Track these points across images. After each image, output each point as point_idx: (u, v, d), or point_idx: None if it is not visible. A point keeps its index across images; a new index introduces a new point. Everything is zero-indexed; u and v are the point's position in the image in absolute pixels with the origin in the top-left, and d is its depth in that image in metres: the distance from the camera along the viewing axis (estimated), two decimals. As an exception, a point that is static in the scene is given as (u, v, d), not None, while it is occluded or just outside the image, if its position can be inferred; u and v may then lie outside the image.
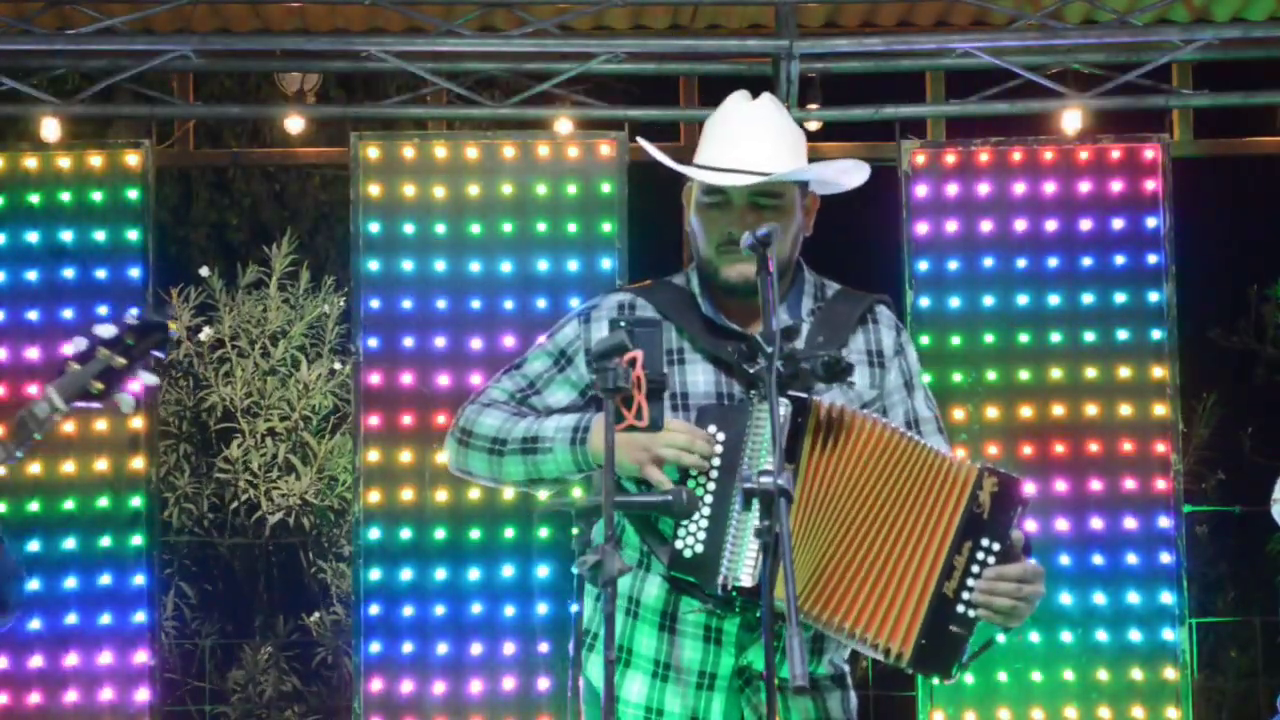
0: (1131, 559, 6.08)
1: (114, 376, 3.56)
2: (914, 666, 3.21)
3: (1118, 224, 6.20)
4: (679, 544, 3.22)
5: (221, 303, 8.13)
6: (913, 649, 3.18)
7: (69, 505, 6.01)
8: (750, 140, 3.36)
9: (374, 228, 6.13)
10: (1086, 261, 6.19)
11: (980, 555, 3.19)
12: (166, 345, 3.63)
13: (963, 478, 3.20)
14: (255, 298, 8.18)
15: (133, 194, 6.14)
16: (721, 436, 3.23)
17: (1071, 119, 6.37)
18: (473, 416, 3.44)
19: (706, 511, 3.20)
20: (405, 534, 6.02)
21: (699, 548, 3.20)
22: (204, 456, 8.17)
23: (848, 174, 3.44)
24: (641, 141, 3.54)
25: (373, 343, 6.08)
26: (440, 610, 6.00)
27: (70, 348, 3.57)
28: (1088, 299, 6.18)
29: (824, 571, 3.20)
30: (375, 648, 5.98)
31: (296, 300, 8.14)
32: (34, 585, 6.00)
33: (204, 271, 8.25)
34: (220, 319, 8.11)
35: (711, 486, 3.21)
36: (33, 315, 6.09)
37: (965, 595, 3.19)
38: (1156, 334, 6.15)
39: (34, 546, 6.00)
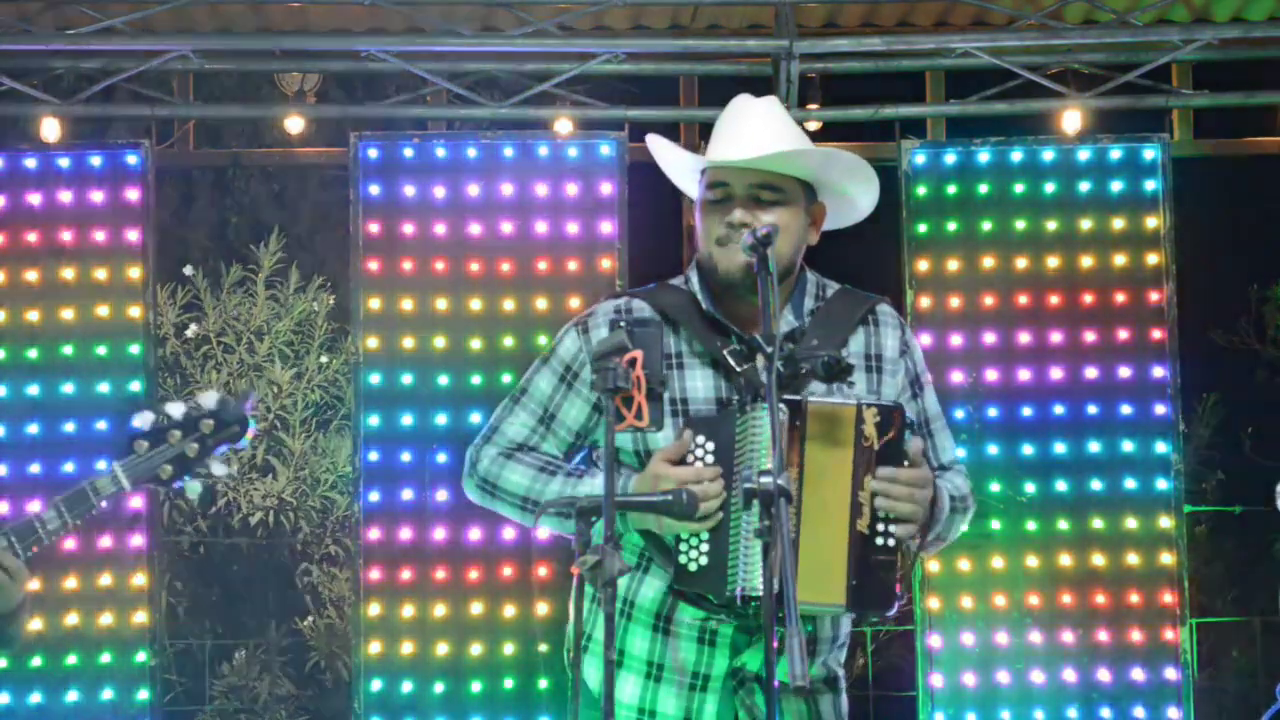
0: (1133, 559, 6.08)
1: (185, 465, 3.48)
2: (853, 609, 3.20)
3: (1118, 224, 6.20)
4: (682, 559, 3.21)
5: (207, 301, 8.12)
6: (847, 594, 3.16)
7: (69, 505, 6.00)
8: (752, 130, 3.36)
9: (374, 228, 6.13)
10: (1087, 261, 6.19)
11: (879, 486, 3.19)
12: (243, 437, 3.54)
13: (845, 417, 3.18)
14: (241, 296, 8.18)
15: (133, 194, 6.14)
16: (711, 446, 3.22)
17: (1071, 119, 6.37)
18: (495, 469, 3.39)
19: (707, 522, 3.19)
20: (405, 534, 6.02)
21: (704, 560, 3.19)
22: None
23: (851, 177, 3.43)
24: (651, 138, 3.52)
25: (373, 344, 6.08)
26: (440, 611, 6.00)
27: (141, 421, 3.48)
28: (1088, 299, 6.17)
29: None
30: (375, 647, 5.98)
31: (285, 298, 8.14)
32: (36, 586, 6.00)
33: (188, 270, 8.25)
34: (205, 316, 8.11)
35: None
36: (33, 316, 6.09)
37: (878, 526, 3.18)
38: (1157, 334, 6.14)
39: (34, 546, 5.99)
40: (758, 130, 3.35)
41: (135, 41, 6.21)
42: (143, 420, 3.46)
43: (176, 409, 3.45)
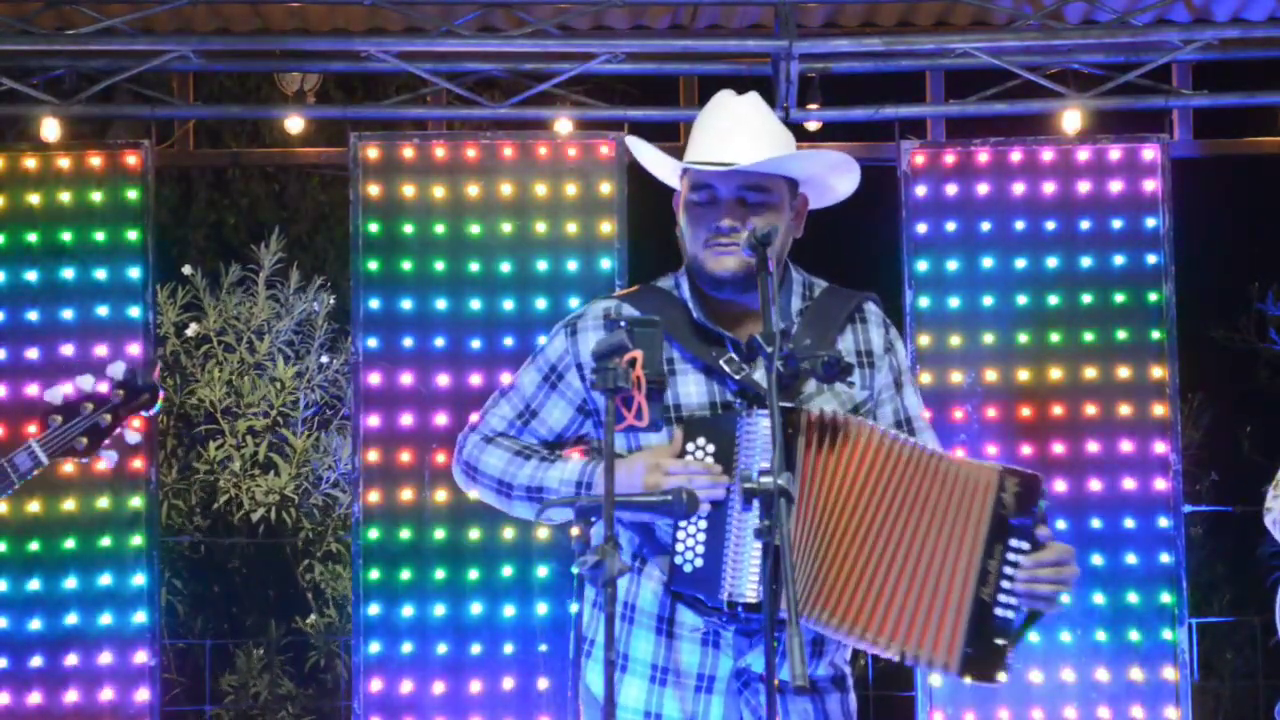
0: (1131, 559, 6.09)
1: (100, 434, 3.58)
2: (962, 674, 3.22)
3: (1118, 224, 6.21)
4: (678, 559, 3.20)
5: (207, 301, 8.13)
6: (959, 658, 3.19)
7: (69, 505, 6.02)
8: (735, 135, 3.35)
9: (374, 228, 6.13)
10: (1086, 261, 6.20)
11: (1011, 556, 3.20)
12: (154, 405, 3.65)
13: (984, 482, 3.20)
14: (241, 295, 8.18)
15: (133, 194, 6.15)
16: (711, 448, 3.22)
17: (1071, 119, 6.37)
18: (476, 453, 3.42)
19: (703, 524, 3.19)
20: (405, 534, 6.02)
21: (699, 561, 3.18)
22: (190, 454, 8.16)
23: (836, 171, 3.42)
24: (631, 140, 3.51)
25: (373, 343, 6.09)
26: (440, 610, 6.00)
27: (52, 396, 3.57)
28: (1087, 299, 6.18)
29: (854, 586, 3.18)
30: (375, 648, 5.98)
31: (285, 297, 8.15)
32: (34, 586, 6.01)
33: (187, 270, 8.26)
34: (206, 315, 8.11)
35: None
36: (33, 315, 6.09)
37: (1001, 598, 3.20)
38: (1156, 334, 6.15)
39: (34, 547, 6.01)
40: (740, 133, 3.35)
41: (135, 41, 6.21)
42: (55, 395, 3.55)
43: (87, 382, 3.56)
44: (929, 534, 3.21)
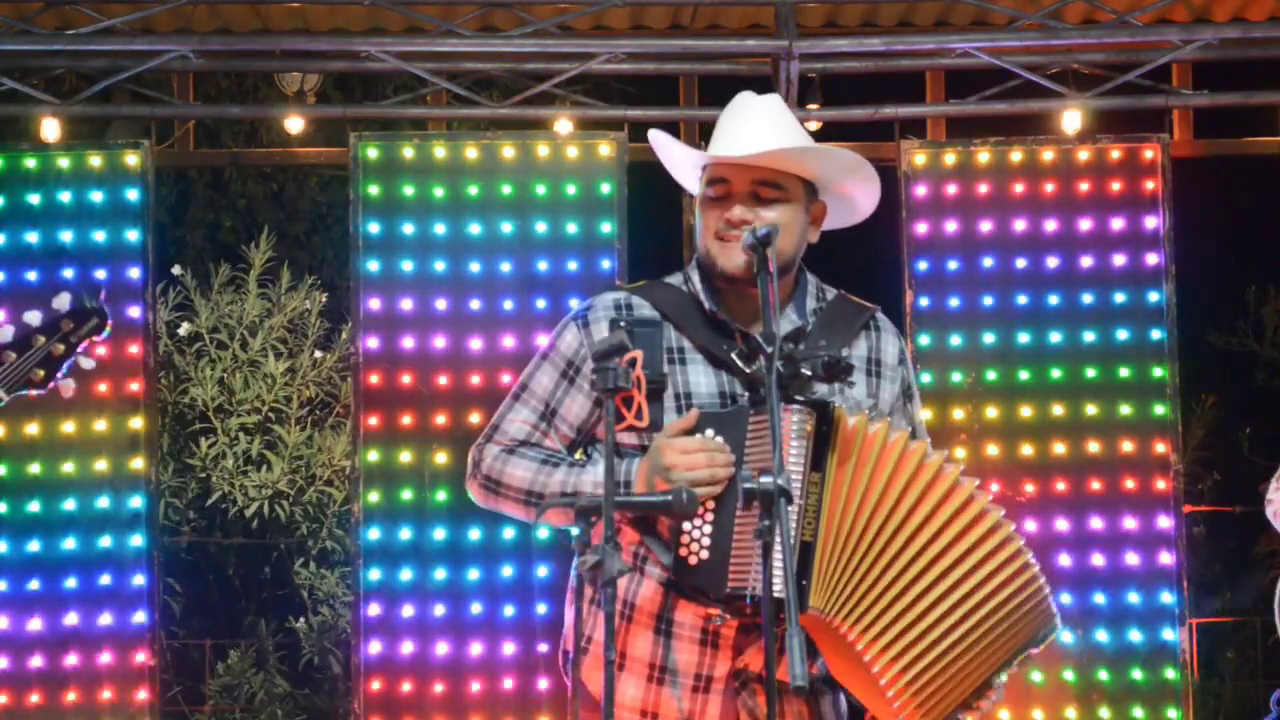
0: (1131, 559, 6.08)
1: (54, 364, 3.62)
2: None
3: (1117, 224, 6.20)
4: (683, 551, 3.19)
5: (199, 300, 8.13)
6: None
7: (69, 505, 6.01)
8: (753, 127, 3.34)
9: (373, 228, 6.13)
10: (1086, 261, 6.20)
11: (1003, 678, 3.32)
12: (104, 330, 3.70)
13: (1044, 614, 3.28)
14: (232, 294, 8.19)
15: (132, 194, 6.14)
16: (720, 440, 3.21)
17: (1071, 119, 6.37)
18: (498, 465, 3.36)
19: (710, 517, 3.18)
20: (405, 534, 6.02)
21: (704, 554, 3.16)
22: (185, 453, 8.17)
23: (854, 175, 3.41)
24: (654, 134, 3.49)
25: (373, 343, 6.08)
26: (440, 610, 6.00)
27: (2, 336, 3.61)
28: (1087, 299, 6.18)
29: (909, 624, 3.17)
30: (375, 648, 5.98)
31: (277, 296, 8.15)
32: (34, 585, 6.01)
33: (176, 270, 8.26)
34: (197, 313, 8.11)
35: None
36: (32, 317, 6.07)
37: (982, 705, 3.31)
38: (1156, 334, 6.15)
39: (34, 546, 6.00)
40: (759, 127, 3.34)
41: (135, 41, 6.21)
42: (4, 335, 3.59)
43: (34, 316, 3.63)
44: (996, 627, 3.23)
